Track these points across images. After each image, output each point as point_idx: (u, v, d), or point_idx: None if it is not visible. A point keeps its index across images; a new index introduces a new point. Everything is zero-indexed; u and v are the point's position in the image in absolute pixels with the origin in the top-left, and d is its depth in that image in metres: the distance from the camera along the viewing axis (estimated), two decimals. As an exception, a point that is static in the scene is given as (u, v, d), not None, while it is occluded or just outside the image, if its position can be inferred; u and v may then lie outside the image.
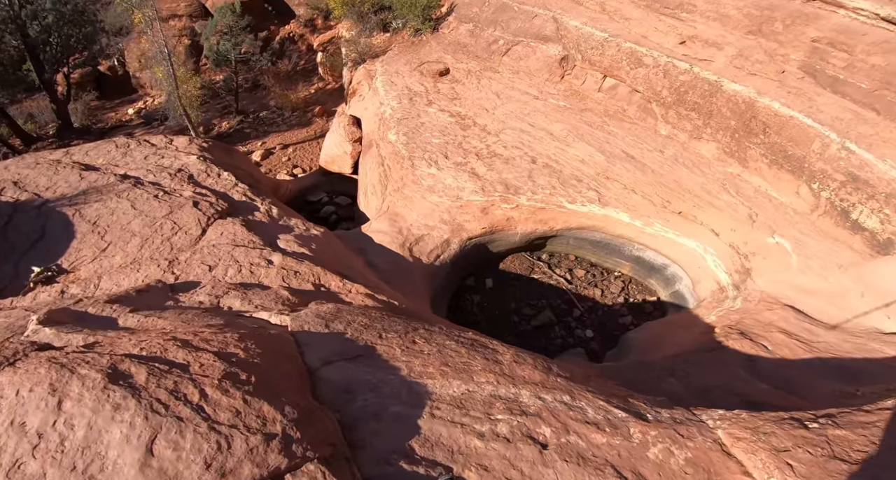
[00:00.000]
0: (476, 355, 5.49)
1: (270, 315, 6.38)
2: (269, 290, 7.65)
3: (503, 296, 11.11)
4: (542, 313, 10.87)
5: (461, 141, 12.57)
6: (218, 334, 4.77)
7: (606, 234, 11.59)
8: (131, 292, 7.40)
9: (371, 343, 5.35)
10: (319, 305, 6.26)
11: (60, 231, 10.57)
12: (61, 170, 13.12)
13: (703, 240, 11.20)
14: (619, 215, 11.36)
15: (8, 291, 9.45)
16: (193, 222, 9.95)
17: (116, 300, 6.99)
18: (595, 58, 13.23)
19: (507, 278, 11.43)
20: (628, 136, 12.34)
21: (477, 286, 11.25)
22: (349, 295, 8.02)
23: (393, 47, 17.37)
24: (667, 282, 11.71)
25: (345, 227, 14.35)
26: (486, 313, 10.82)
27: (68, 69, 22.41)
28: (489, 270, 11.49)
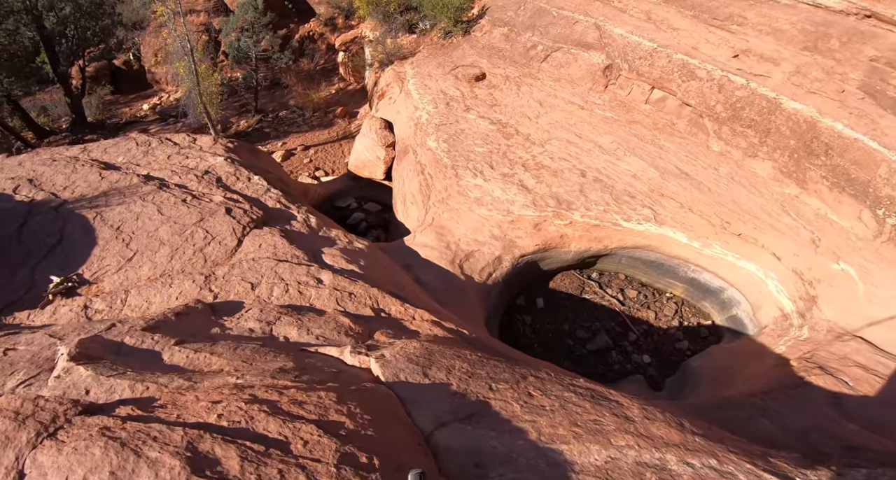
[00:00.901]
0: (603, 410, 4.50)
1: (343, 352, 5.31)
2: (326, 316, 6.58)
3: (555, 317, 10.11)
4: (597, 337, 9.90)
5: (505, 150, 11.54)
6: (309, 392, 3.69)
7: (661, 254, 10.62)
8: (170, 316, 6.29)
9: (483, 397, 4.32)
10: (405, 344, 5.20)
11: (80, 236, 9.42)
12: (80, 168, 11.94)
13: (764, 263, 10.27)
14: (676, 235, 10.40)
15: (25, 302, 8.30)
16: (227, 231, 8.83)
17: (156, 327, 5.89)
18: (643, 68, 12.25)
19: (558, 297, 10.42)
20: (680, 152, 11.37)
21: (528, 305, 10.22)
22: (413, 322, 6.96)
23: (422, 49, 16.30)
24: (723, 306, 10.76)
25: (375, 236, 13.27)
26: (539, 335, 9.83)
27: (84, 62, 21.09)
28: (539, 289, 10.48)
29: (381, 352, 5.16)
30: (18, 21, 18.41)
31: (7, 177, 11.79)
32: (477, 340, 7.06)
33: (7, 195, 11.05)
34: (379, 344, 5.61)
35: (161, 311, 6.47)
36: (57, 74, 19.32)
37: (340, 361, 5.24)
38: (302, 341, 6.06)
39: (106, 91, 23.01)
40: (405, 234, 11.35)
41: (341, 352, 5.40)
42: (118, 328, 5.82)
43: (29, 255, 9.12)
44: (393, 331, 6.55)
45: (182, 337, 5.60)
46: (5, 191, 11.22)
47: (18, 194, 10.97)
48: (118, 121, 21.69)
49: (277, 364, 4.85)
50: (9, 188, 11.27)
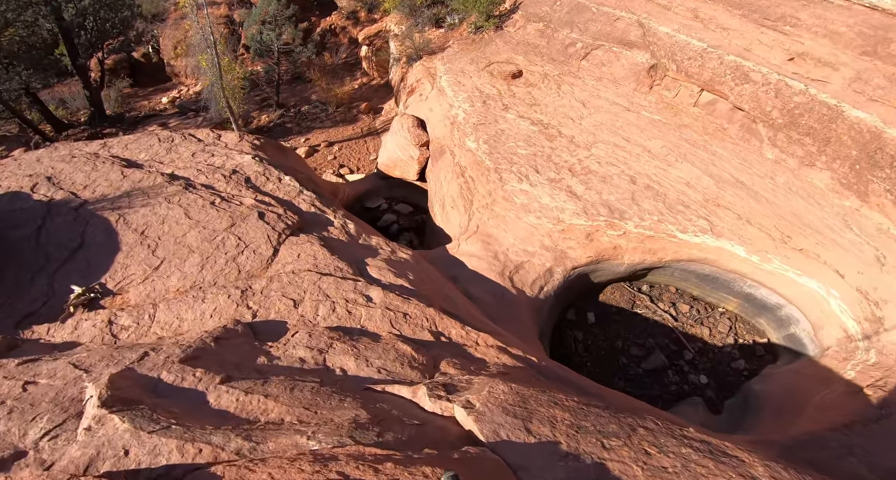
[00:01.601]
0: (727, 469, 3.79)
1: (417, 393, 4.47)
2: (383, 343, 5.73)
3: (607, 333, 9.25)
4: (652, 355, 9.04)
5: (550, 153, 10.61)
6: (410, 468, 2.83)
7: (717, 268, 9.73)
8: (208, 341, 5.43)
9: (598, 457, 3.51)
10: (491, 387, 4.35)
11: (102, 240, 8.56)
12: (100, 165, 11.07)
13: (826, 281, 9.38)
14: (735, 248, 9.51)
15: (44, 314, 7.45)
16: (262, 239, 7.96)
17: (195, 357, 5.03)
18: (693, 70, 11.29)
19: (609, 312, 9.55)
20: (734, 159, 10.44)
21: (578, 320, 9.34)
22: (477, 348, 6.11)
23: (451, 44, 15.32)
24: (780, 324, 9.87)
25: (408, 239, 12.38)
26: (591, 353, 8.98)
27: (103, 54, 20.14)
28: (589, 302, 9.59)
29: (464, 397, 4.31)
30: (37, 13, 17.48)
31: (25, 174, 10.94)
32: (548, 369, 6.23)
33: (24, 194, 10.20)
34: (456, 384, 4.76)
35: (197, 335, 5.61)
36: (76, 67, 18.40)
37: (416, 405, 4.39)
38: (362, 375, 5.21)
39: (125, 84, 22.08)
40: (444, 240, 10.47)
41: (415, 393, 4.56)
42: (152, 359, 4.97)
43: (48, 260, 8.29)
44: (459, 361, 5.72)
45: (227, 372, 4.75)
46: (23, 189, 10.37)
47: (36, 193, 10.13)
48: (137, 114, 20.77)
49: (347, 412, 4.00)
50: (26, 186, 10.41)
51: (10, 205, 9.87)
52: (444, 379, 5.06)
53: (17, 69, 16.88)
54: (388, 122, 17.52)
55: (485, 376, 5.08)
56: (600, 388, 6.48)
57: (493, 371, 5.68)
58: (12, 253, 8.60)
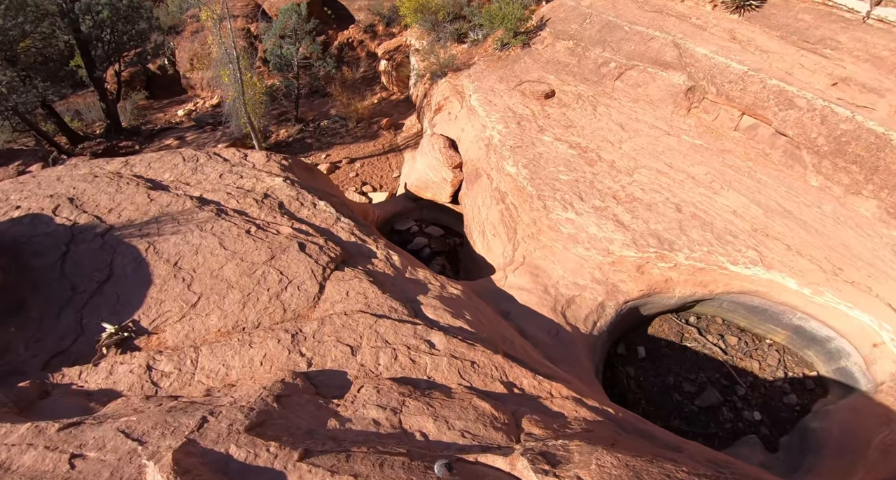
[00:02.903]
0: None
1: (515, 465, 3.91)
2: (458, 399, 5.12)
3: (658, 368, 8.66)
4: (706, 392, 8.46)
5: (592, 179, 10.02)
6: None
7: (766, 300, 9.15)
8: (269, 400, 4.77)
9: None
10: (598, 460, 3.77)
11: (133, 271, 7.85)
12: (124, 186, 10.35)
13: (878, 314, 8.85)
14: (786, 281, 8.96)
15: (73, 353, 6.74)
16: (306, 273, 7.29)
17: (260, 424, 4.38)
18: (734, 93, 10.74)
19: (659, 345, 8.96)
20: (780, 186, 9.89)
21: (628, 354, 8.72)
22: (553, 401, 5.50)
23: (476, 61, 14.70)
24: (829, 357, 9.31)
25: (440, 264, 11.72)
26: (644, 389, 8.40)
27: (120, 66, 19.37)
28: (637, 335, 8.97)
29: (573, 473, 3.70)
30: (54, 24, 16.71)
31: (45, 195, 10.19)
32: (626, 422, 5.64)
33: (46, 217, 9.45)
34: (555, 453, 4.14)
35: (255, 392, 4.94)
36: (92, 79, 17.67)
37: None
38: (445, 440, 4.58)
39: (141, 96, 21.32)
40: (485, 269, 9.82)
41: (513, 465, 3.95)
42: (214, 427, 4.30)
43: (74, 293, 7.57)
44: (540, 418, 5.13)
45: (302, 443, 4.10)
46: (44, 211, 9.62)
47: (59, 216, 9.40)
48: (153, 127, 20.00)
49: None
50: (48, 208, 9.67)
51: (32, 229, 9.12)
52: (540, 446, 4.43)
53: (34, 81, 16.14)
54: (409, 139, 16.88)
55: (580, 441, 4.45)
56: (679, 440, 5.88)
57: (577, 428, 5.09)
58: (36, 284, 7.86)
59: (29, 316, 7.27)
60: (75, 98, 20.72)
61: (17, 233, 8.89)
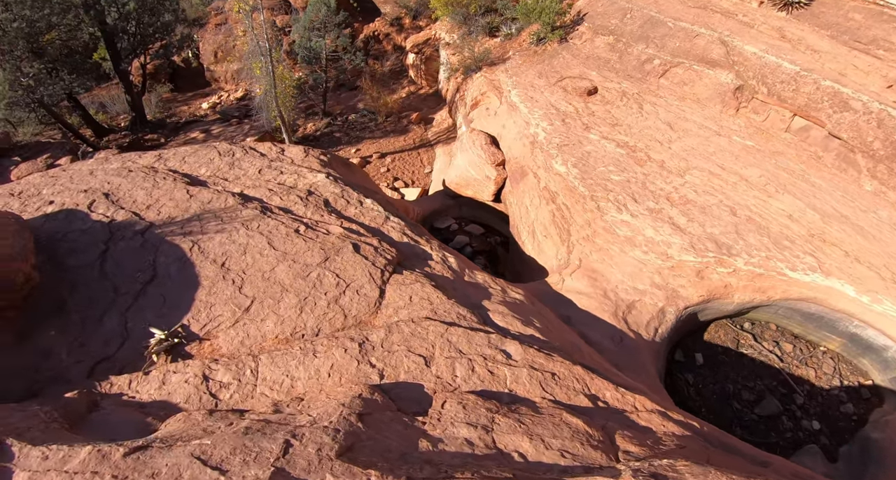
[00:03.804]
0: None
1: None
2: (547, 415, 4.60)
3: (716, 375, 8.18)
4: (765, 400, 8.00)
5: (643, 180, 9.46)
6: None
7: (823, 307, 8.64)
8: (353, 420, 4.27)
9: None
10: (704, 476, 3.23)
11: (177, 272, 7.30)
12: (161, 181, 9.79)
13: (937, 324, 8.30)
14: (844, 288, 8.47)
15: (120, 360, 6.21)
16: (364, 277, 6.76)
17: (350, 447, 3.89)
18: (786, 93, 10.15)
19: (716, 351, 8.48)
20: (835, 190, 9.35)
21: (686, 362, 8.22)
22: (639, 414, 5.01)
23: (511, 55, 14.05)
24: (885, 365, 8.81)
25: (482, 263, 11.18)
26: (703, 397, 7.94)
27: (145, 59, 18.74)
28: (694, 341, 8.47)
29: None
30: (79, 16, 16.06)
31: (79, 190, 9.62)
32: (711, 436, 5.20)
33: (81, 213, 8.86)
34: (665, 474, 3.64)
35: (334, 409, 4.42)
36: (118, 72, 17.07)
37: None
38: (545, 461, 4.10)
39: (165, 89, 20.70)
40: (535, 271, 9.30)
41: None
42: (300, 451, 3.80)
43: (117, 294, 6.99)
44: (631, 433, 4.64)
45: (402, 471, 3.59)
46: (79, 206, 9.04)
47: (94, 212, 8.82)
48: (178, 120, 19.39)
49: None
50: (83, 203, 9.09)
51: (67, 225, 8.55)
52: (647, 467, 3.94)
53: (61, 73, 15.54)
54: (440, 134, 16.26)
55: (685, 460, 3.96)
56: (762, 453, 5.42)
57: (670, 445, 4.61)
58: (75, 284, 7.29)
59: (69, 319, 6.74)
60: (99, 90, 20.11)
61: (52, 230, 8.34)
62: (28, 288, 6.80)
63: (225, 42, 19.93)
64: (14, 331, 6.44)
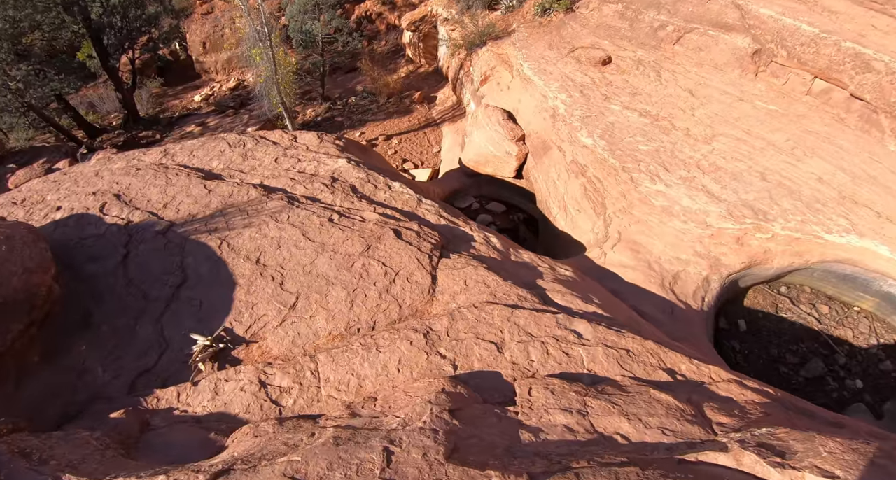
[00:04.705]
0: None
1: (741, 461, 3.23)
2: (636, 393, 4.33)
3: (759, 340, 7.99)
4: (810, 362, 7.83)
5: (671, 149, 9.08)
6: None
7: (859, 268, 8.45)
8: (446, 417, 3.87)
9: None
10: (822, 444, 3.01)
11: (209, 272, 6.79)
12: (174, 177, 9.19)
13: (972, 280, 8.14)
14: (879, 248, 8.27)
15: (163, 371, 5.73)
16: (412, 264, 6.33)
17: (455, 451, 3.50)
18: (807, 56, 9.75)
19: (756, 317, 8.24)
20: (861, 152, 9.08)
21: (729, 328, 8.00)
22: (718, 385, 4.76)
23: (517, 28, 13.40)
24: (921, 323, 8.66)
25: (507, 243, 10.75)
26: (750, 363, 7.75)
27: (133, 54, 17.62)
28: (735, 308, 8.24)
29: (806, 461, 2.97)
30: (60, 15, 14.90)
31: (87, 192, 8.99)
32: (787, 401, 4.96)
33: (93, 216, 8.25)
34: (771, 443, 3.37)
35: (424, 408, 4.03)
36: (106, 68, 16.04)
37: (751, 477, 2.99)
38: (648, 440, 3.78)
39: (155, 84, 19.62)
40: (570, 246, 8.94)
41: (738, 461, 3.24)
42: (405, 459, 3.45)
43: (147, 301, 6.46)
44: (718, 405, 4.36)
45: (511, 465, 3.24)
46: (89, 210, 8.42)
47: (108, 214, 8.21)
48: (172, 114, 18.43)
49: None
50: (93, 207, 8.47)
51: (80, 230, 7.93)
52: (752, 437, 3.67)
53: (49, 74, 14.52)
54: (445, 112, 15.64)
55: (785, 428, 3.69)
56: (834, 415, 5.21)
57: (757, 413, 4.34)
58: (99, 293, 6.74)
59: (99, 331, 6.21)
60: (87, 90, 18.95)
61: (65, 237, 7.72)
62: (50, 302, 6.24)
63: (213, 32, 18.90)
64: (40, 350, 5.89)
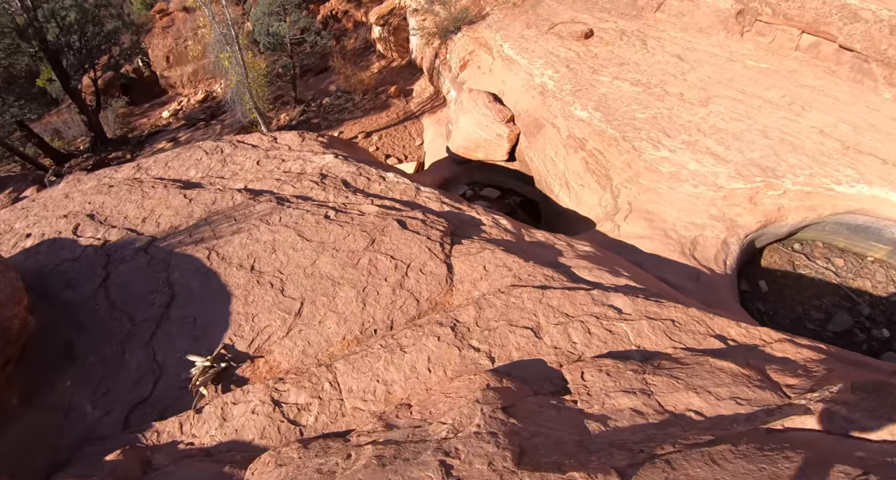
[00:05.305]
0: None
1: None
2: (694, 364, 3.80)
3: (783, 299, 7.67)
4: (836, 316, 7.56)
5: (669, 114, 8.67)
6: None
7: (871, 217, 8.20)
8: (502, 417, 3.32)
9: None
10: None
11: (200, 286, 6.08)
12: (150, 190, 8.41)
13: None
14: (889, 195, 8.05)
15: (160, 401, 5.00)
16: (423, 254, 5.73)
17: (523, 454, 2.94)
18: (792, 11, 9.49)
19: (775, 276, 7.90)
20: (858, 102, 8.87)
21: (752, 290, 7.61)
22: (771, 346, 4.36)
23: (490, 11, 12.90)
24: (935, 265, 8.41)
25: (508, 228, 10.21)
26: (777, 323, 7.41)
27: (95, 74, 16.49)
28: (754, 269, 7.87)
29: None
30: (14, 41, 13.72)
31: (57, 216, 8.14)
32: (841, 355, 4.56)
33: (66, 240, 7.42)
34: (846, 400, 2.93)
35: (473, 411, 3.44)
36: (68, 91, 14.94)
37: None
38: (724, 413, 3.33)
39: (120, 103, 18.51)
40: (577, 222, 8.44)
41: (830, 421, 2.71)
42: (469, 471, 2.86)
43: (134, 325, 5.71)
44: (778, 366, 3.93)
45: (591, 462, 2.68)
46: (62, 234, 7.58)
47: (82, 237, 7.39)
48: (141, 133, 17.40)
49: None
50: (65, 230, 7.64)
51: (53, 256, 7.10)
52: (830, 397, 3.24)
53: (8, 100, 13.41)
54: (424, 103, 15.03)
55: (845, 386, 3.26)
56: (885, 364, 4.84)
57: (819, 370, 3.92)
58: (80, 322, 5.96)
59: (84, 363, 5.43)
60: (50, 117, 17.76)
61: (37, 265, 6.89)
62: (25, 335, 5.45)
63: (175, 45, 17.90)
64: (18, 391, 5.09)
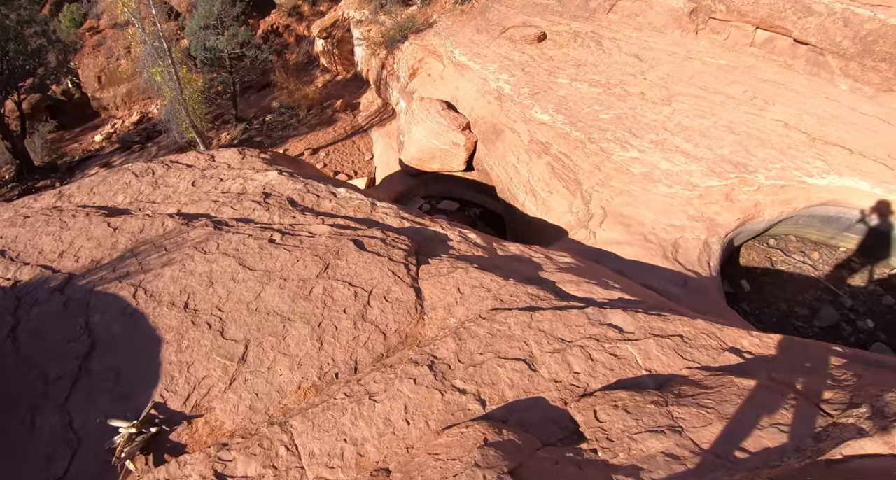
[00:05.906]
0: None
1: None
2: (722, 386, 3.17)
3: (766, 298, 7.31)
4: (822, 311, 7.28)
5: (632, 114, 8.25)
6: None
7: (843, 207, 8.02)
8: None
9: None
10: None
11: (124, 331, 5.01)
12: (70, 220, 7.21)
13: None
14: (859, 184, 7.91)
15: (76, 476, 3.93)
16: (387, 278, 4.87)
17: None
18: (746, 8, 9.41)
19: (755, 275, 7.53)
20: (818, 94, 8.78)
21: (735, 291, 7.18)
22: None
23: (438, 19, 12.31)
24: (906, 253, 8.33)
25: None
26: (763, 322, 7.05)
27: (19, 97, 14.64)
28: (733, 269, 7.49)
29: None
30: None
31: (-39, 254, 6.78)
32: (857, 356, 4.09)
33: (-32, 282, 6.13)
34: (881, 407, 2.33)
35: (472, 477, 2.61)
36: (-11, 117, 13.15)
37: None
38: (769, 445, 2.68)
39: (49, 127, 16.63)
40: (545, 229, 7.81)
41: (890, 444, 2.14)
42: None
43: (46, 384, 4.59)
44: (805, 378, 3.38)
45: None
46: (-36, 275, 6.28)
47: (-12, 278, 6.12)
48: (71, 159, 15.67)
49: None
50: (-30, 270, 6.33)
51: (-48, 303, 5.80)
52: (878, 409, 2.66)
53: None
54: (372, 116, 14.19)
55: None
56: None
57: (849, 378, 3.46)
58: (-23, 383, 4.74)
59: (-20, 438, 4.26)
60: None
61: (-70, 316, 5.60)
62: None
63: (107, 64, 16.32)
64: None
